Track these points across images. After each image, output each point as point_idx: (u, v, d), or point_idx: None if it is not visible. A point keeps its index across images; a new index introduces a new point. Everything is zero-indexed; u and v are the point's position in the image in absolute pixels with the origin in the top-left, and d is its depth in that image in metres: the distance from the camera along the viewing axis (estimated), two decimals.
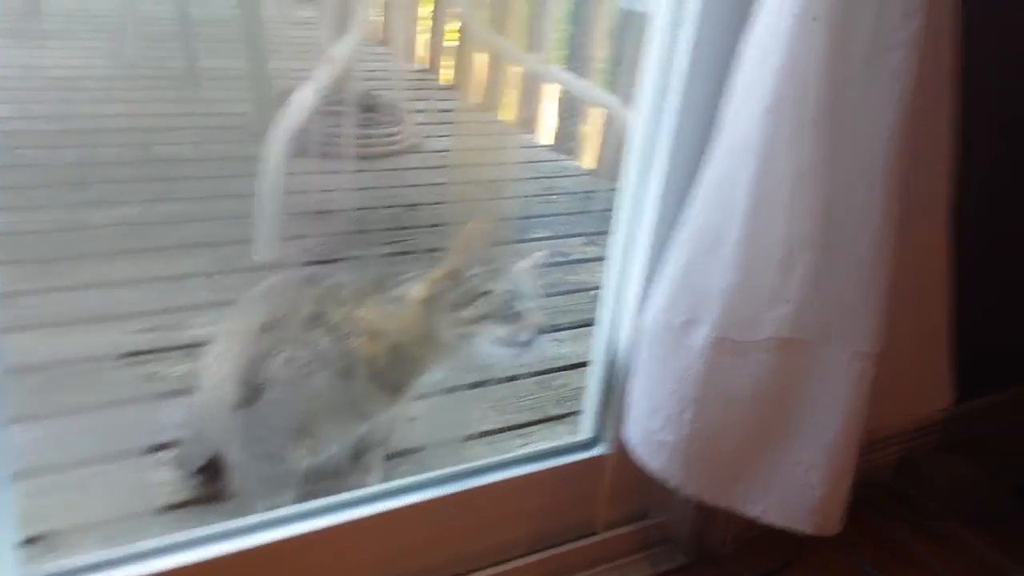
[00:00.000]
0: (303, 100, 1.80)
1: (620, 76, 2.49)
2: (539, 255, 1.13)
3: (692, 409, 0.94)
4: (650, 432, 0.99)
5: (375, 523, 1.03)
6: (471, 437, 1.41)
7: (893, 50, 0.82)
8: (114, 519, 1.12)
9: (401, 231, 2.02)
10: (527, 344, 1.02)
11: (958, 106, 0.94)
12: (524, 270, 1.08)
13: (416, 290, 1.04)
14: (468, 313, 1.02)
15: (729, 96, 0.91)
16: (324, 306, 1.06)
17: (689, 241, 0.94)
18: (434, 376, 1.11)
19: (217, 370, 1.12)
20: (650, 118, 1.03)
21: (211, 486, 1.17)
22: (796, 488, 0.92)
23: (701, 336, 0.92)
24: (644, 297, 1.05)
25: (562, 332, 1.74)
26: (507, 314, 1.02)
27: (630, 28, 2.41)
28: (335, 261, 1.78)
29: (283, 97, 1.88)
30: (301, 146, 1.86)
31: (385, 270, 1.10)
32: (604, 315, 1.14)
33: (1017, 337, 1.44)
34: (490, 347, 1.03)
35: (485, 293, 1.02)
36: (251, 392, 1.06)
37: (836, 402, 0.89)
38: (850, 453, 0.90)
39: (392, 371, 1.06)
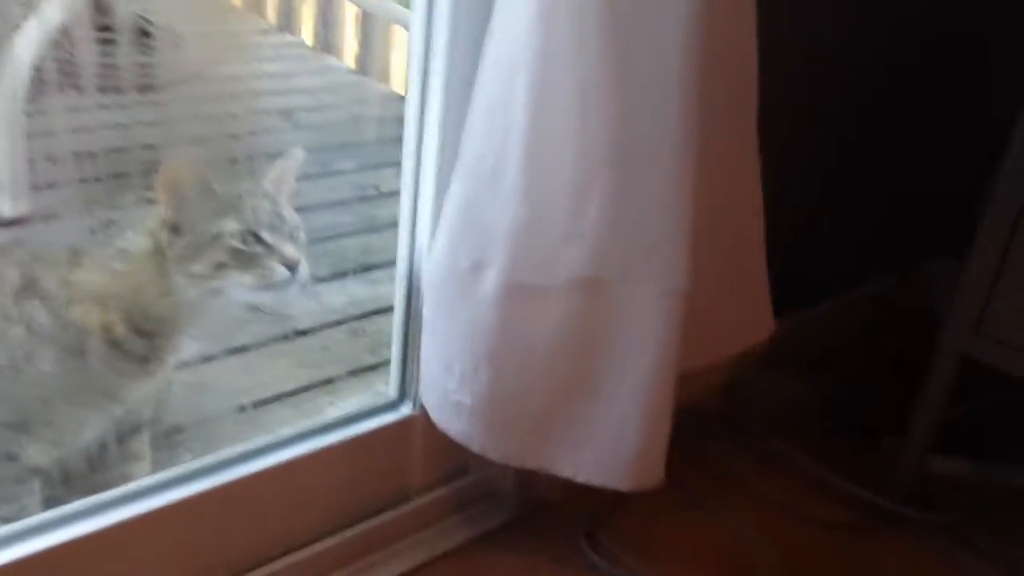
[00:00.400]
0: (40, 25, 1.53)
1: None
2: (292, 161, 0.97)
3: (487, 366, 0.83)
4: (445, 392, 0.88)
5: (144, 523, 0.88)
6: (271, 400, 1.27)
7: None
8: None
9: None
10: (283, 286, 0.87)
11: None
12: (267, 194, 0.92)
13: (137, 244, 0.88)
14: (199, 266, 0.85)
15: None
16: (34, 272, 0.88)
17: (467, 171, 0.81)
18: (192, 340, 0.96)
19: None
20: (423, 24, 0.89)
21: None
22: (609, 443, 0.84)
23: (490, 282, 0.81)
24: (431, 236, 0.93)
25: (376, 272, 1.61)
26: (250, 256, 0.86)
27: None
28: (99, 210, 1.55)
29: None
30: (52, 80, 1.59)
31: (103, 222, 0.92)
32: (401, 257, 1.01)
33: (826, 247, 1.43)
34: (244, 296, 0.88)
35: (215, 237, 0.85)
36: None
37: (645, 346, 0.81)
38: (664, 399, 0.82)
39: (135, 339, 0.89)
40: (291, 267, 0.87)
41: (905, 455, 1.23)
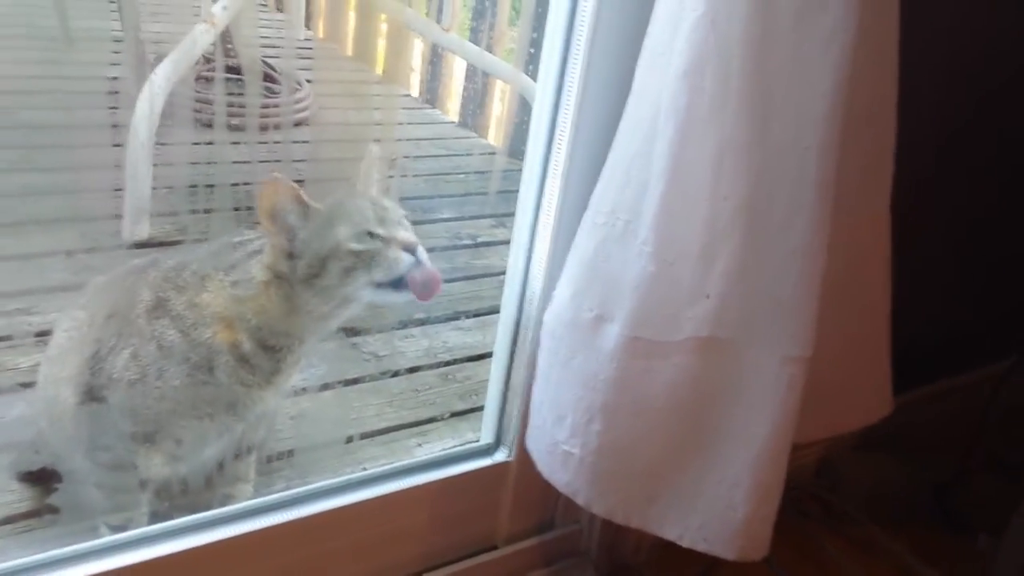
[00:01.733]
0: (177, 63, 1.62)
1: (529, 49, 2.37)
2: (371, 156, 0.97)
3: (601, 419, 0.83)
4: (555, 442, 0.87)
5: (245, 544, 0.90)
6: (364, 436, 1.29)
7: (826, 7, 0.71)
8: None
9: None
10: (411, 272, 0.87)
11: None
12: (363, 194, 0.93)
13: (256, 274, 0.90)
14: (327, 279, 0.87)
15: (641, 57, 0.79)
16: (165, 293, 0.91)
17: (596, 225, 0.82)
18: (316, 366, 0.97)
19: (56, 368, 0.97)
20: (551, 82, 0.91)
21: (42, 499, 1.02)
22: (718, 509, 0.82)
23: (612, 335, 0.81)
24: (547, 289, 0.94)
25: (467, 320, 1.63)
26: (371, 253, 0.87)
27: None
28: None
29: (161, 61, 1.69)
30: (182, 114, 1.68)
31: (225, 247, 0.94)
32: (508, 305, 1.02)
33: (938, 332, 1.39)
34: (377, 297, 0.88)
35: (333, 248, 0.87)
36: (92, 392, 0.91)
37: (762, 412, 0.79)
38: (778, 469, 0.80)
39: (262, 354, 0.91)
40: (411, 250, 0.88)
41: (1004, 556, 1.17)
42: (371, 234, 0.88)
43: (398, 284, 0.88)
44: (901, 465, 1.36)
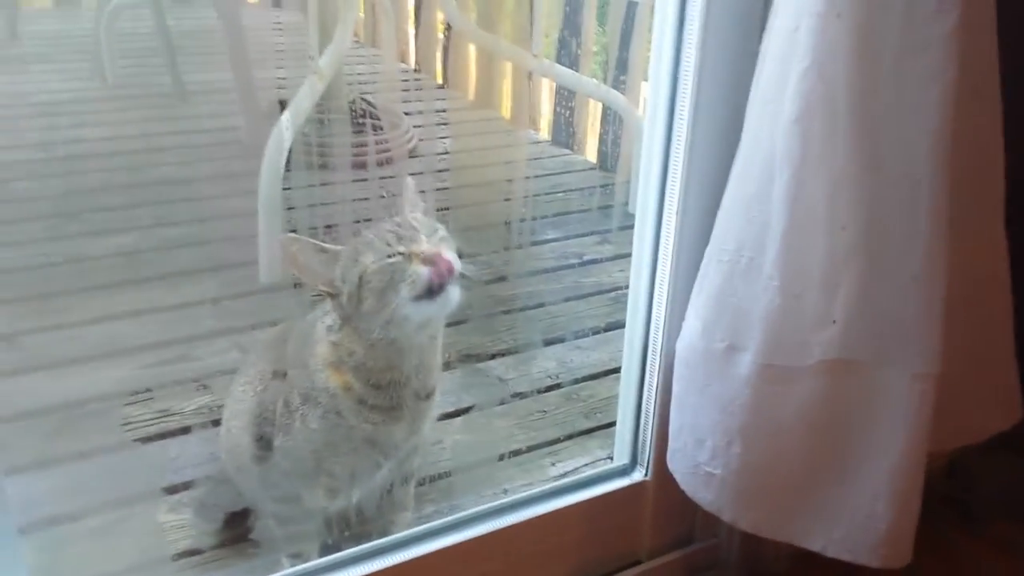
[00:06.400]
0: (295, 112, 1.73)
1: (614, 66, 2.42)
2: (406, 189, 1.01)
3: (740, 441, 0.88)
4: (696, 464, 0.93)
5: (405, 571, 0.98)
6: (499, 458, 1.36)
7: (926, 49, 0.76)
8: (131, 568, 1.10)
9: None
10: (430, 279, 0.89)
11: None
12: (389, 218, 0.95)
13: (333, 319, 0.97)
14: (367, 304, 0.91)
15: (751, 104, 0.85)
16: (299, 344, 1.01)
17: (721, 262, 0.88)
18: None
19: (236, 419, 1.09)
20: (660, 122, 0.97)
21: (234, 531, 1.14)
22: (860, 520, 0.86)
23: (745, 363, 0.86)
24: (671, 316, 1.00)
25: (584, 339, 1.69)
26: (394, 269, 0.89)
27: (627, 17, 2.33)
28: None
29: (274, 108, 1.81)
30: (297, 159, 1.80)
31: None
32: (633, 332, 1.08)
33: None
34: (419, 311, 0.91)
35: (361, 273, 0.90)
36: (262, 439, 1.02)
37: (897, 427, 0.83)
38: (916, 479, 0.84)
39: (374, 393, 0.97)
40: (429, 261, 0.89)
41: None
42: (392, 255, 0.90)
43: (431, 294, 0.90)
44: None
